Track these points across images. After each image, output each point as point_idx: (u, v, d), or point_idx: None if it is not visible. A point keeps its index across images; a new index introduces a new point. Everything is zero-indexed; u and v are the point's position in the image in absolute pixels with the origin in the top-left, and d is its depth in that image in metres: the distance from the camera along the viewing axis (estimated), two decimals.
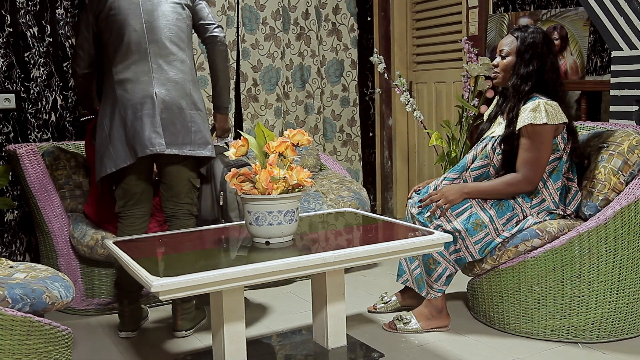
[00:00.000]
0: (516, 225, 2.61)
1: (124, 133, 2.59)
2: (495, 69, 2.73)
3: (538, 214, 2.63)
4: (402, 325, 2.74)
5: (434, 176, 3.10)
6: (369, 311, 3.01)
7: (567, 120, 2.60)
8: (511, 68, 2.67)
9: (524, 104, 2.60)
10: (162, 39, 2.63)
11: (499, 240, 2.60)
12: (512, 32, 2.70)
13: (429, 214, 2.63)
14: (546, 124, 2.53)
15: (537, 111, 2.54)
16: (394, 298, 3.00)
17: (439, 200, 2.62)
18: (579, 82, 3.50)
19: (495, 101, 2.88)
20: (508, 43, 2.68)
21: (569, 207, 2.67)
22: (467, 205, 2.62)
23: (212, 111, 2.89)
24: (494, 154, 2.68)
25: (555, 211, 2.65)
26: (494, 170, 2.69)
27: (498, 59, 2.72)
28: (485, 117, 2.92)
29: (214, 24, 2.74)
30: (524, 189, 2.61)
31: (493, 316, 2.73)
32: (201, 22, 2.73)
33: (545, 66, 2.61)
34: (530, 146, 2.57)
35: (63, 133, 3.73)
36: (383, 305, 2.99)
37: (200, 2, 2.75)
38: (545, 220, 2.61)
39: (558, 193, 2.66)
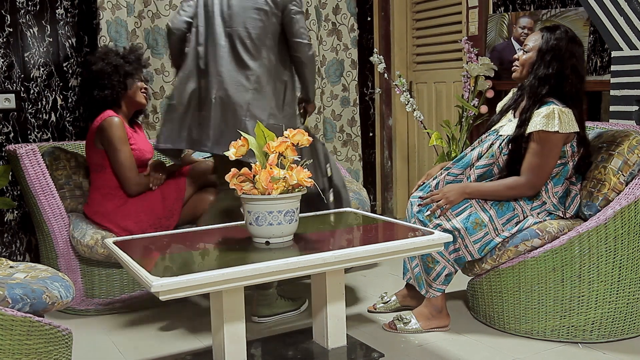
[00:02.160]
0: (516, 226, 2.60)
1: None
2: (516, 62, 2.71)
3: (538, 214, 2.63)
4: (402, 325, 2.74)
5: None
6: (369, 311, 3.01)
7: (579, 130, 2.57)
8: (530, 65, 2.64)
9: (538, 108, 2.56)
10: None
11: (498, 239, 2.59)
12: (541, 29, 2.66)
13: (428, 212, 2.63)
14: (558, 132, 2.51)
15: (550, 118, 2.51)
16: (394, 298, 3.00)
17: (439, 200, 2.62)
18: None
19: (511, 93, 2.84)
20: (533, 39, 2.65)
21: (568, 211, 2.66)
22: (467, 204, 2.62)
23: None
24: (500, 154, 2.67)
25: (555, 212, 2.65)
26: (497, 169, 2.68)
27: (520, 53, 2.70)
28: (498, 109, 2.89)
29: (299, 41, 2.79)
30: (525, 193, 2.60)
31: (493, 316, 2.73)
32: (288, 37, 2.81)
33: (565, 70, 2.56)
34: (539, 152, 2.55)
35: (63, 133, 3.73)
36: (383, 305, 2.99)
37: (294, 14, 2.77)
38: (545, 220, 2.61)
39: (558, 197, 2.65)
